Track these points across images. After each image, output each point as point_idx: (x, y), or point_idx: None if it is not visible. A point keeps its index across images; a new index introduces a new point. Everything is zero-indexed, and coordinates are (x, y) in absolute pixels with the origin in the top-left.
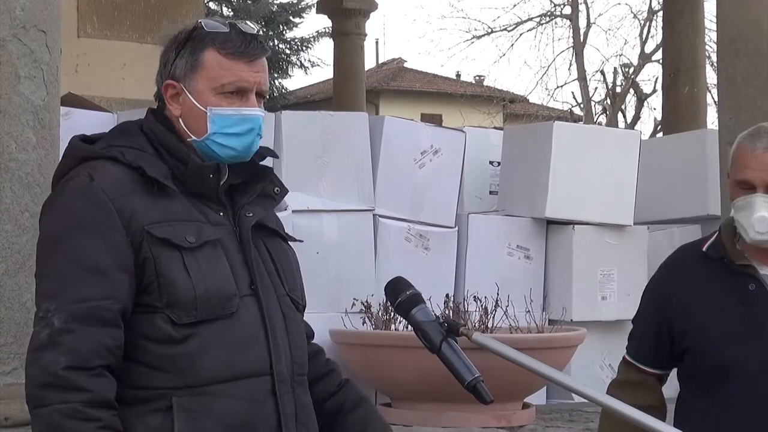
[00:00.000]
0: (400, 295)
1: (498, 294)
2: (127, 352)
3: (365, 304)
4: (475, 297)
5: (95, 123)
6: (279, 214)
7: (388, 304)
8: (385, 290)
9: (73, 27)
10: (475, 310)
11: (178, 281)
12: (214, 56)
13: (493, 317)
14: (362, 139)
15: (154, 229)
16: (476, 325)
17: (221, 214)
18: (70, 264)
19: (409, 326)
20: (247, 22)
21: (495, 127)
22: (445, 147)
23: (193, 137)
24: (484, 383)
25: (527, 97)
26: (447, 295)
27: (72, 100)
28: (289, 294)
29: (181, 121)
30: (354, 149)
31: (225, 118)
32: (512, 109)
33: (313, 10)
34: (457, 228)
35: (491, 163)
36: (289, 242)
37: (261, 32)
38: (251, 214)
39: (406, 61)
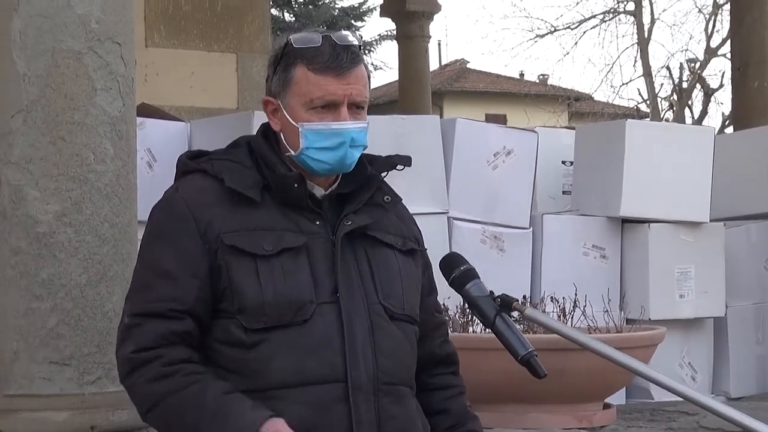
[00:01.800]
0: (455, 271)
1: (576, 294)
2: (207, 355)
3: (442, 306)
4: (552, 297)
5: (168, 132)
6: None
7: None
8: (440, 265)
9: (141, 37)
10: (553, 311)
11: (247, 288)
12: (302, 72)
13: (572, 318)
14: (434, 141)
15: (228, 237)
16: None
17: (317, 223)
18: (145, 270)
19: (488, 329)
20: (345, 32)
21: (566, 127)
22: (517, 148)
23: (291, 152)
24: (537, 357)
25: (592, 95)
26: (524, 296)
27: (145, 110)
28: (382, 302)
29: (281, 135)
30: (426, 152)
31: (315, 134)
32: (577, 107)
33: (375, 13)
34: (531, 229)
35: (564, 162)
36: (410, 252)
37: (358, 42)
38: (350, 223)
39: (468, 62)
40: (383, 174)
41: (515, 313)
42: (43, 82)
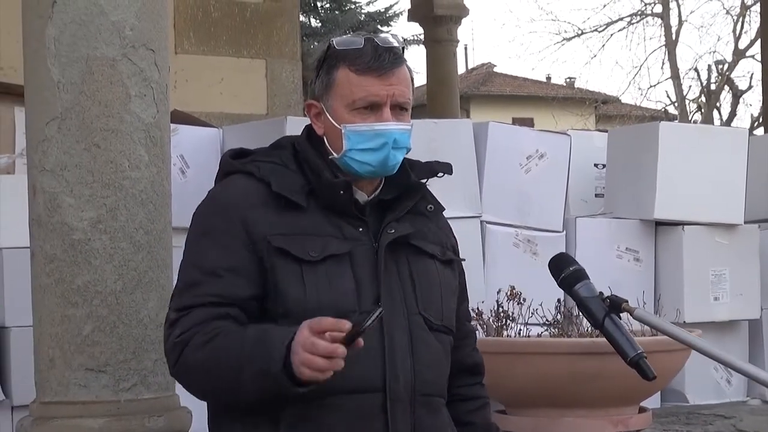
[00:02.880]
0: (564, 271)
1: None
2: None
3: (476, 311)
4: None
5: (201, 139)
6: None
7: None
8: (549, 266)
9: (171, 44)
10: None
11: (291, 293)
12: (345, 74)
13: None
14: (467, 145)
15: (275, 240)
16: (588, 329)
17: (360, 229)
18: (192, 268)
19: (522, 332)
20: (389, 35)
21: (599, 130)
22: (550, 151)
23: (334, 154)
24: (647, 359)
25: (620, 98)
26: (558, 300)
27: (177, 117)
28: (422, 313)
29: (325, 138)
30: (459, 156)
31: (358, 135)
32: (605, 110)
33: (401, 18)
34: (564, 232)
35: (596, 165)
36: (448, 262)
37: (401, 44)
38: (392, 231)
39: (495, 66)
40: (425, 181)
41: (625, 315)
42: (78, 89)
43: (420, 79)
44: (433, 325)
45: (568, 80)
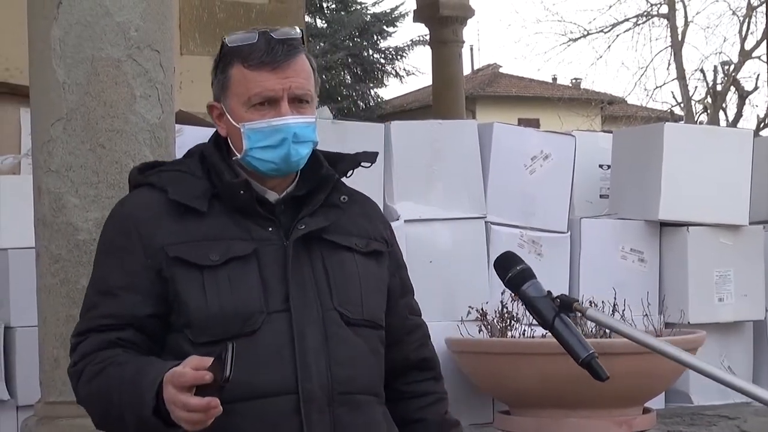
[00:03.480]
0: (511, 271)
1: (615, 298)
2: None
3: (480, 311)
4: (590, 302)
5: (206, 139)
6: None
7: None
8: (494, 265)
9: (176, 45)
10: None
11: (192, 301)
12: (238, 71)
13: None
14: (472, 146)
15: (172, 249)
16: (593, 330)
17: (270, 229)
18: (91, 289)
19: (527, 332)
20: (285, 28)
21: (604, 130)
22: (555, 152)
23: (238, 155)
24: (598, 359)
25: (626, 99)
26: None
27: (182, 118)
28: (338, 308)
29: (229, 139)
30: (464, 157)
31: (257, 132)
32: (611, 111)
33: (407, 19)
34: (569, 233)
35: (601, 166)
36: (373, 253)
37: (297, 35)
38: (303, 227)
39: (501, 67)
40: (349, 173)
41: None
42: (83, 90)
43: (426, 79)
44: (351, 320)
45: (574, 81)
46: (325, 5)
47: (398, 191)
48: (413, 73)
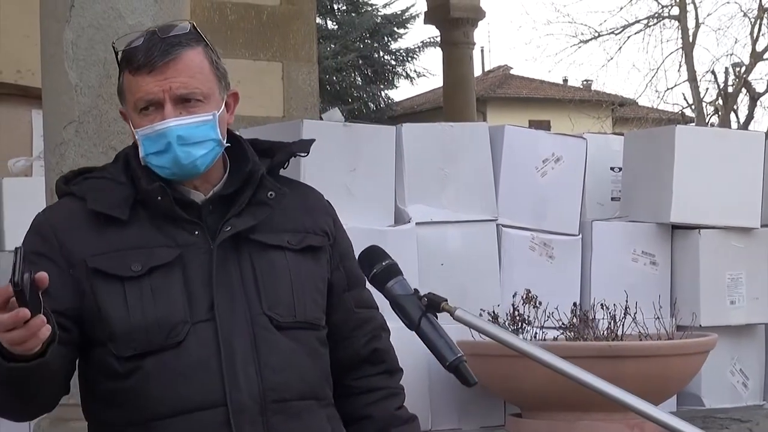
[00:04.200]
0: (375, 266)
1: (627, 301)
2: (89, 388)
3: (492, 314)
4: (602, 304)
5: None
6: (402, 227)
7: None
8: (358, 260)
9: None
10: (603, 318)
11: (114, 313)
12: (126, 77)
13: (622, 325)
14: (483, 149)
15: (92, 261)
16: (605, 333)
17: (196, 233)
18: None
19: (538, 335)
20: (175, 23)
21: (615, 133)
22: (566, 154)
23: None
24: (467, 363)
25: (637, 100)
26: (574, 304)
27: None
28: (267, 312)
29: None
30: (475, 159)
31: (146, 138)
32: (622, 112)
33: (417, 20)
34: (581, 235)
35: (612, 169)
36: (308, 249)
37: (184, 30)
38: (229, 228)
39: (512, 68)
40: (285, 164)
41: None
42: (95, 93)
43: (436, 81)
44: (282, 323)
45: (584, 83)
46: (335, 7)
47: (409, 194)
48: (424, 74)
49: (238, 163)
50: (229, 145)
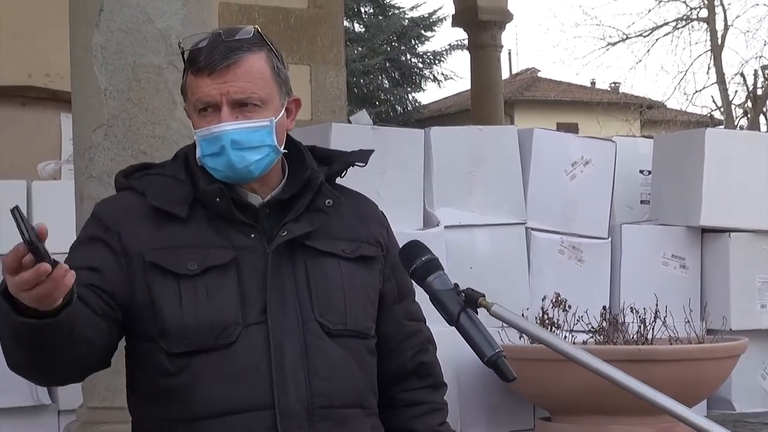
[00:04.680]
0: (416, 261)
1: (657, 305)
2: (135, 383)
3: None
4: (632, 308)
5: None
6: (431, 231)
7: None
8: (399, 255)
9: None
10: (632, 322)
11: (167, 310)
12: (188, 77)
13: (653, 328)
14: (512, 152)
15: (150, 255)
16: (634, 336)
17: (252, 236)
18: None
19: (568, 338)
20: (240, 27)
21: (644, 136)
22: (595, 158)
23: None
24: (506, 359)
25: (665, 103)
26: (604, 307)
27: None
28: (318, 319)
29: None
30: (504, 163)
31: (203, 140)
32: (650, 115)
33: (445, 23)
34: (610, 239)
35: (641, 172)
36: (362, 259)
37: (248, 35)
38: (285, 233)
39: (539, 71)
40: (343, 173)
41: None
42: (124, 97)
43: (463, 84)
44: (333, 330)
45: (612, 85)
46: (363, 10)
47: (438, 197)
48: (451, 77)
49: (297, 168)
50: (286, 151)
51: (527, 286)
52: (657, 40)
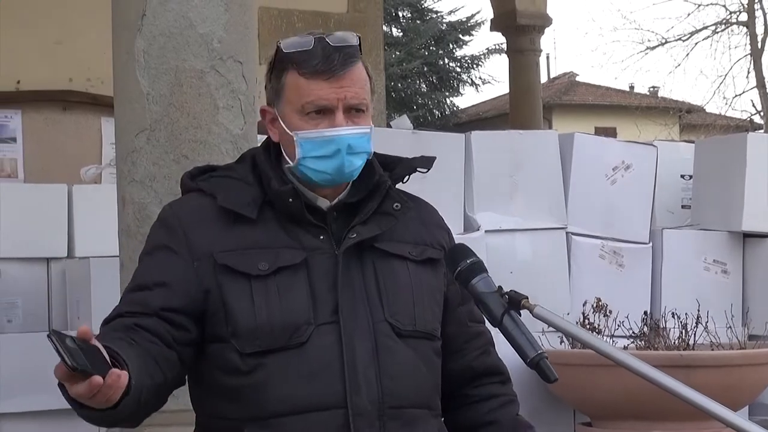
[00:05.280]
0: (461, 264)
1: (698, 310)
2: (204, 382)
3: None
4: (673, 313)
5: None
6: (471, 235)
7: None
8: (444, 258)
9: (255, 54)
10: (674, 327)
11: (240, 310)
12: (293, 78)
13: (694, 334)
14: (553, 156)
15: (221, 257)
16: (676, 342)
17: (321, 237)
18: (128, 286)
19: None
20: (342, 33)
21: (685, 140)
22: (636, 162)
23: (290, 163)
24: (548, 360)
25: (704, 107)
26: (645, 312)
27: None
28: (388, 320)
29: (281, 146)
30: (545, 167)
31: (309, 142)
32: (689, 119)
33: (483, 27)
34: (651, 243)
35: (682, 176)
36: (428, 261)
37: (354, 42)
38: (355, 236)
39: (577, 75)
40: (405, 179)
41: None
42: (167, 101)
43: (501, 88)
44: (402, 331)
45: (651, 89)
46: (401, 14)
47: (479, 201)
48: (489, 81)
49: (363, 173)
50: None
51: (567, 291)
52: (696, 44)
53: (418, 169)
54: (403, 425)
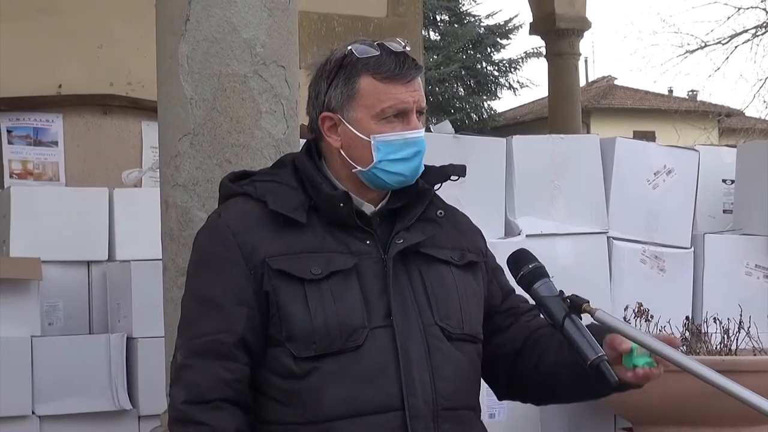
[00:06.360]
0: (523, 268)
1: (741, 315)
2: (259, 386)
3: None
4: (714, 318)
5: None
6: (512, 240)
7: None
8: (507, 262)
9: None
10: (715, 332)
11: (295, 314)
12: (369, 82)
13: (736, 339)
14: (594, 161)
15: (274, 261)
16: (718, 347)
17: (367, 242)
18: (192, 300)
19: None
20: (398, 39)
21: (727, 145)
22: (678, 167)
23: (359, 167)
24: (609, 363)
25: (744, 111)
26: (686, 317)
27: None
28: (439, 323)
29: (342, 152)
30: (586, 172)
31: (389, 145)
32: (728, 123)
33: (520, 30)
34: (693, 248)
35: (724, 181)
36: (469, 265)
37: (407, 49)
38: (401, 241)
39: (616, 79)
40: (437, 186)
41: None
42: (210, 106)
43: (539, 92)
44: (453, 335)
45: (690, 93)
46: (438, 18)
47: (520, 206)
48: (527, 85)
49: None
50: None
51: (609, 296)
52: (736, 47)
53: (451, 176)
54: (456, 426)
